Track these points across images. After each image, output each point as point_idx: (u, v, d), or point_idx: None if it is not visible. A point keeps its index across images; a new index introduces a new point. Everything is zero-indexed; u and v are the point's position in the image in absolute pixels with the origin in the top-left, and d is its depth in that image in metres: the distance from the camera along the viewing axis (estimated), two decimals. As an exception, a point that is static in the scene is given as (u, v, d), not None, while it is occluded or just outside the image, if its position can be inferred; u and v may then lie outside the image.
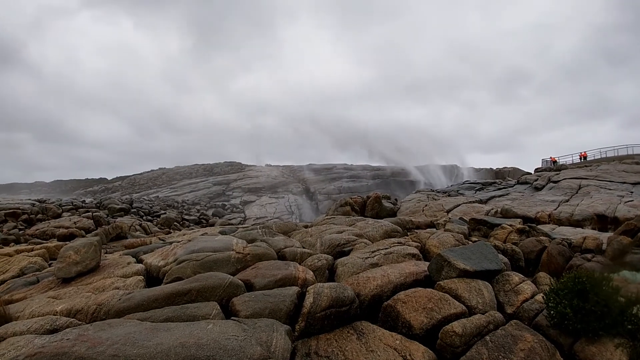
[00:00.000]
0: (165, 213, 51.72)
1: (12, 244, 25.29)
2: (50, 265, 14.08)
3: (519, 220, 16.60)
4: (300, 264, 9.72)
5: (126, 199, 61.42)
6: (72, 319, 7.10)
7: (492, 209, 21.21)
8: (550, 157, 54.41)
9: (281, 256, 10.74)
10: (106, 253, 14.07)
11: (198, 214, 57.29)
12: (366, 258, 9.84)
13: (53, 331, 6.54)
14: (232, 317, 6.66)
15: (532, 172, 40.39)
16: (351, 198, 23.42)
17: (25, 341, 5.93)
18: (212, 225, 44.57)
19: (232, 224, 37.34)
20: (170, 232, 33.71)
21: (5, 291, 10.57)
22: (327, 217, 18.55)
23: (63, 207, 44.09)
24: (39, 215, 39.94)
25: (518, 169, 76.65)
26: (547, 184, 28.69)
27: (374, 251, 10.31)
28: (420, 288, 7.63)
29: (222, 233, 15.43)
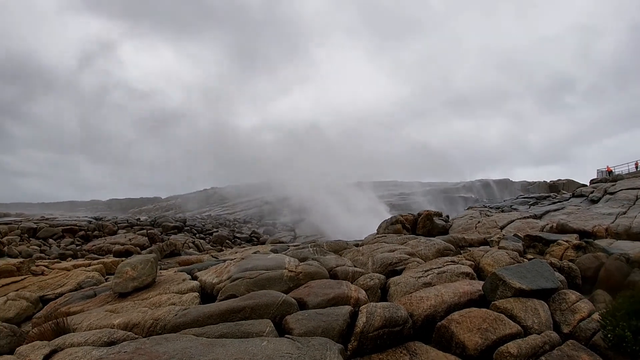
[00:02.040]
0: (217, 231, 52.40)
1: (70, 258, 26.03)
2: (106, 279, 14.41)
3: (575, 235, 16.15)
4: (352, 283, 9.68)
5: (179, 217, 62.61)
6: (129, 333, 7.27)
7: (547, 224, 20.64)
8: (607, 167, 52.58)
9: (333, 275, 10.72)
10: (161, 269, 14.35)
11: (249, 232, 57.72)
12: (419, 277, 9.72)
13: (110, 344, 6.71)
14: (286, 335, 6.70)
15: (588, 184, 39.18)
16: (402, 216, 23.20)
17: (83, 352, 6.10)
18: (263, 243, 44.94)
19: (283, 242, 37.55)
20: (222, 250, 34.14)
21: (63, 304, 10.90)
22: (378, 235, 18.45)
23: (119, 225, 45.30)
24: (95, 232, 41.12)
25: (573, 180, 74.27)
26: (603, 195, 27.73)
27: (427, 270, 10.20)
28: (474, 308, 7.51)
29: (274, 251, 15.53)
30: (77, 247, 35.00)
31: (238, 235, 53.77)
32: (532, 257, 12.60)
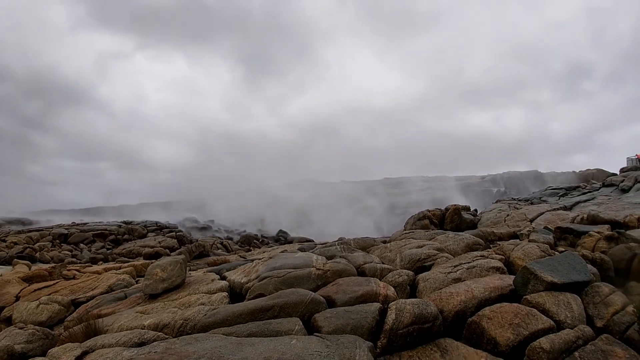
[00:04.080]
0: (244, 231, 52.84)
1: (101, 262, 26.43)
2: (137, 282, 14.56)
3: (606, 226, 15.85)
4: (380, 279, 9.63)
5: (207, 219, 63.15)
6: (159, 333, 7.36)
7: (578, 215, 20.25)
8: (636, 155, 51.14)
9: (361, 272, 10.66)
10: (190, 270, 14.47)
11: (276, 232, 58.06)
12: (448, 273, 9.62)
13: (141, 344, 6.79)
14: (315, 333, 6.69)
15: (618, 173, 38.31)
16: (429, 211, 23.03)
17: (114, 353, 6.19)
18: (291, 242, 45.04)
19: (310, 241, 37.66)
20: (250, 250, 34.35)
21: (94, 306, 11.07)
22: (405, 231, 18.35)
23: (148, 228, 45.85)
24: (125, 236, 41.78)
25: (602, 170, 72.53)
26: (634, 184, 27.10)
27: (456, 265, 10.09)
28: (505, 303, 7.40)
29: (301, 250, 15.54)
30: (108, 251, 35.54)
31: (265, 234, 54.15)
32: (563, 249, 12.39)
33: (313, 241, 35.53)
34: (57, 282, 14.34)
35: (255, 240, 46.59)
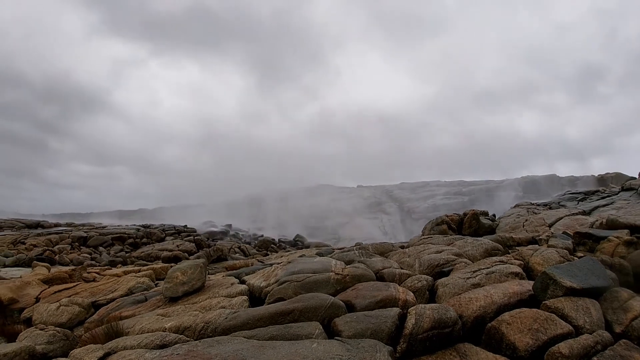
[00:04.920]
0: (262, 235, 52.97)
1: (120, 265, 26.63)
2: (156, 285, 14.69)
3: (626, 231, 15.68)
4: (399, 285, 9.64)
5: (224, 223, 63.38)
6: (181, 336, 7.46)
7: (597, 220, 19.97)
8: None
9: (379, 277, 10.68)
10: (209, 274, 14.59)
11: (293, 236, 58.07)
12: (467, 278, 9.59)
13: (162, 346, 6.91)
14: (335, 337, 6.75)
15: (637, 176, 37.74)
16: (447, 216, 22.88)
17: (136, 355, 6.30)
18: (308, 247, 44.95)
19: (327, 246, 37.63)
20: (267, 254, 34.35)
21: (115, 308, 11.24)
22: (423, 236, 18.29)
23: (166, 232, 46.09)
24: (144, 239, 42.00)
25: (621, 174, 71.10)
26: (653, 188, 26.89)
27: (475, 271, 10.06)
28: (525, 308, 7.39)
29: (320, 255, 15.53)
30: (127, 254, 35.74)
31: (282, 239, 54.21)
32: (582, 254, 12.31)
33: (330, 246, 35.49)
34: (77, 285, 14.51)
35: (272, 245, 46.53)
